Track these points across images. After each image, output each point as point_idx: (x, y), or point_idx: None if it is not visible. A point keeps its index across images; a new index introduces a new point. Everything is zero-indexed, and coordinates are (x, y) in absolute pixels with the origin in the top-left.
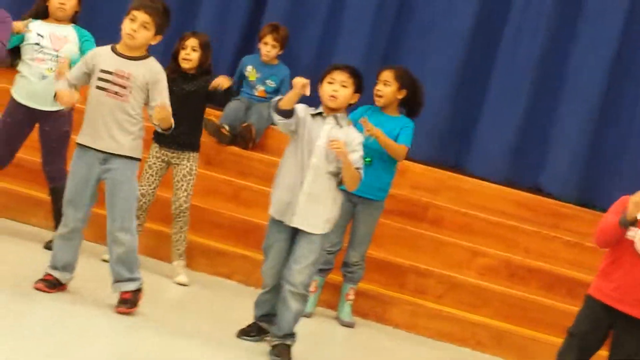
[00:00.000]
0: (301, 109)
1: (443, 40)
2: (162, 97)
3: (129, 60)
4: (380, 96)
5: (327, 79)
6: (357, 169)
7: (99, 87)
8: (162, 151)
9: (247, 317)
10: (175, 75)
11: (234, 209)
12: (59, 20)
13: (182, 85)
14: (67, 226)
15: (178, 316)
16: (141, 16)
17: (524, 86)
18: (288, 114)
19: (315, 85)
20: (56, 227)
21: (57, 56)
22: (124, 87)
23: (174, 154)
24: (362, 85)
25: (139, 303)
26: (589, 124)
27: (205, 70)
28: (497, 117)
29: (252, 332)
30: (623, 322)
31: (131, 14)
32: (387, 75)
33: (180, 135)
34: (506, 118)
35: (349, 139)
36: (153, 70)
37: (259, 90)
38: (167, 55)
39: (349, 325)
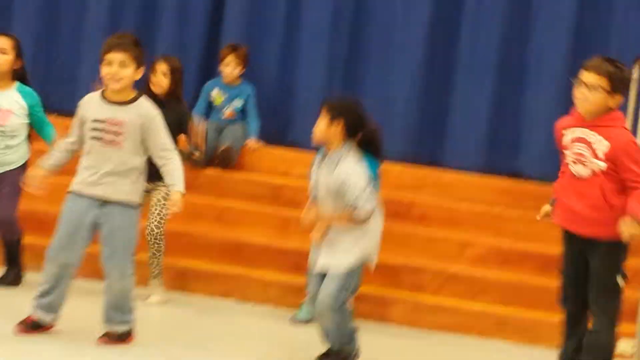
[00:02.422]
0: (313, 169)
1: (403, 40)
2: (163, 145)
3: (119, 106)
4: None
5: None
6: (350, 210)
7: (93, 137)
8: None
9: (250, 334)
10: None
11: (220, 230)
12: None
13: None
14: (54, 268)
15: (183, 343)
16: (116, 57)
17: (489, 73)
18: None
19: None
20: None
21: (3, 131)
22: (119, 134)
23: (151, 185)
24: (342, 107)
25: (126, 342)
26: (558, 102)
27: (175, 96)
28: (467, 107)
29: None
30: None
31: (105, 59)
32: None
33: (154, 166)
34: (476, 107)
35: (342, 176)
36: (144, 113)
37: (227, 112)
38: None
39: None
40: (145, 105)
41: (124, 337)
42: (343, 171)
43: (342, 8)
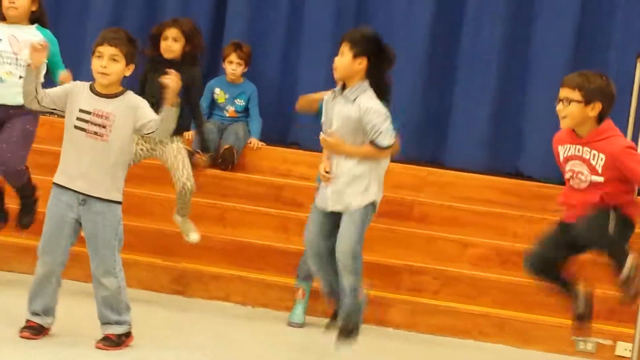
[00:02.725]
0: (326, 98)
1: (405, 40)
2: (150, 116)
3: (106, 99)
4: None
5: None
6: (372, 142)
7: (77, 127)
8: (143, 140)
9: (250, 337)
10: (158, 65)
11: (222, 231)
12: (17, 21)
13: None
14: (43, 268)
15: (182, 346)
16: (107, 50)
17: (491, 73)
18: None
19: None
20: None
21: (17, 59)
22: (104, 127)
23: (157, 142)
24: (369, 46)
25: (125, 346)
26: None
27: (190, 58)
28: (468, 107)
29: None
30: None
31: (97, 51)
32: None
33: None
34: (477, 107)
35: (361, 111)
36: (131, 103)
37: (230, 110)
38: None
39: None
40: (131, 96)
41: (121, 340)
42: (364, 103)
43: (344, 7)
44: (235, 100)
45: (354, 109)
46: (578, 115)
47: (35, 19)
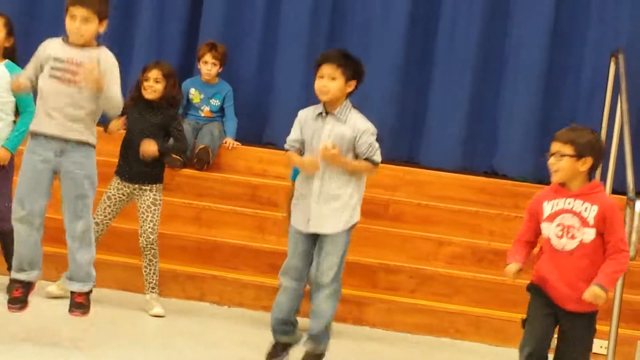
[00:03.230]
0: (301, 117)
1: (381, 39)
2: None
3: (80, 50)
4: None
5: (318, 73)
6: (367, 159)
7: (52, 75)
8: (124, 184)
9: (227, 337)
10: (140, 105)
11: (197, 230)
12: None
13: (147, 116)
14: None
15: (160, 346)
16: (79, 12)
17: (466, 72)
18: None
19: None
20: (9, 268)
21: None
22: (77, 74)
23: (136, 187)
24: (357, 69)
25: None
26: (535, 100)
27: (170, 100)
28: (444, 106)
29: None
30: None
31: (69, 11)
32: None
33: (142, 167)
34: (453, 106)
35: (355, 131)
36: (104, 59)
37: (205, 110)
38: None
39: None
40: (106, 52)
41: (89, 301)
42: (359, 125)
43: (321, 6)
44: (211, 100)
45: (347, 128)
46: (568, 170)
47: (7, 54)
